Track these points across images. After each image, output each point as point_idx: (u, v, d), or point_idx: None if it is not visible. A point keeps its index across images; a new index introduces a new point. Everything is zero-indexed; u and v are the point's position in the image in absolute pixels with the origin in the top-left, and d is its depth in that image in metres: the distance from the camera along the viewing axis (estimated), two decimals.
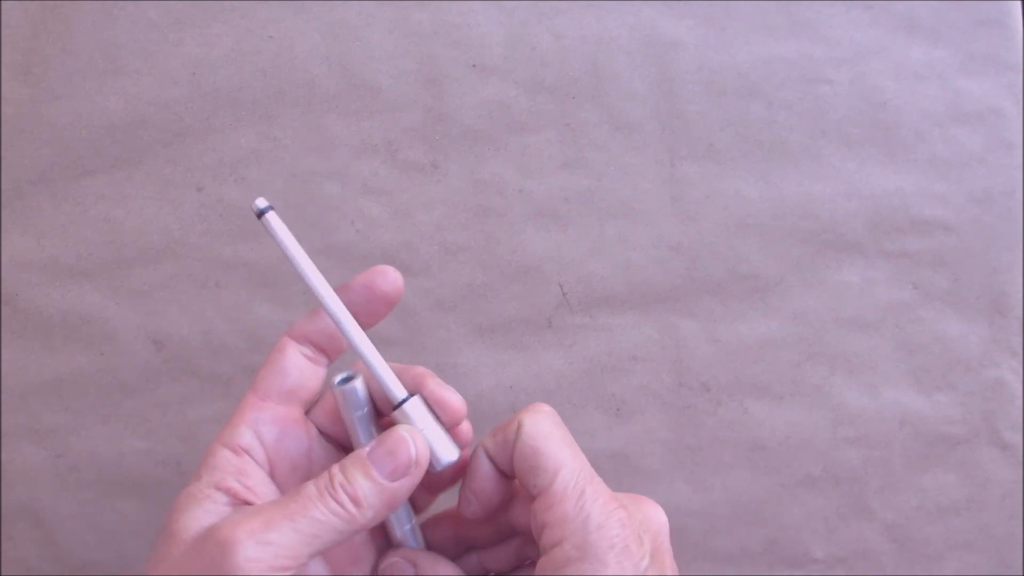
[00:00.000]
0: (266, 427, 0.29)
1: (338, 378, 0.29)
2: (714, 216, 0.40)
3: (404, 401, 0.28)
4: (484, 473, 0.30)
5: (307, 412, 0.30)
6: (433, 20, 0.39)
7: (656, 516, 0.29)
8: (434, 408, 0.29)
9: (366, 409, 0.29)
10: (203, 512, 0.27)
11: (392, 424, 0.29)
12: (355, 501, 0.26)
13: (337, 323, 0.29)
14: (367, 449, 0.27)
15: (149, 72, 0.39)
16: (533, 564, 0.30)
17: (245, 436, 0.29)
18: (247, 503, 0.27)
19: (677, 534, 0.39)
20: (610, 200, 0.40)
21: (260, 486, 0.28)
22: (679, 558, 0.41)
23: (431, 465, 0.28)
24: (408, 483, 0.27)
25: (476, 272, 0.39)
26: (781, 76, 0.40)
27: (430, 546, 0.31)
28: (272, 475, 0.29)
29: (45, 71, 0.39)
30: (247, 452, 0.29)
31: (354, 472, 0.27)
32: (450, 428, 0.29)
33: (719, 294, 0.40)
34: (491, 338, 0.40)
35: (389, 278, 0.30)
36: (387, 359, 0.29)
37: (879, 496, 0.40)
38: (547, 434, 0.29)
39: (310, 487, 0.26)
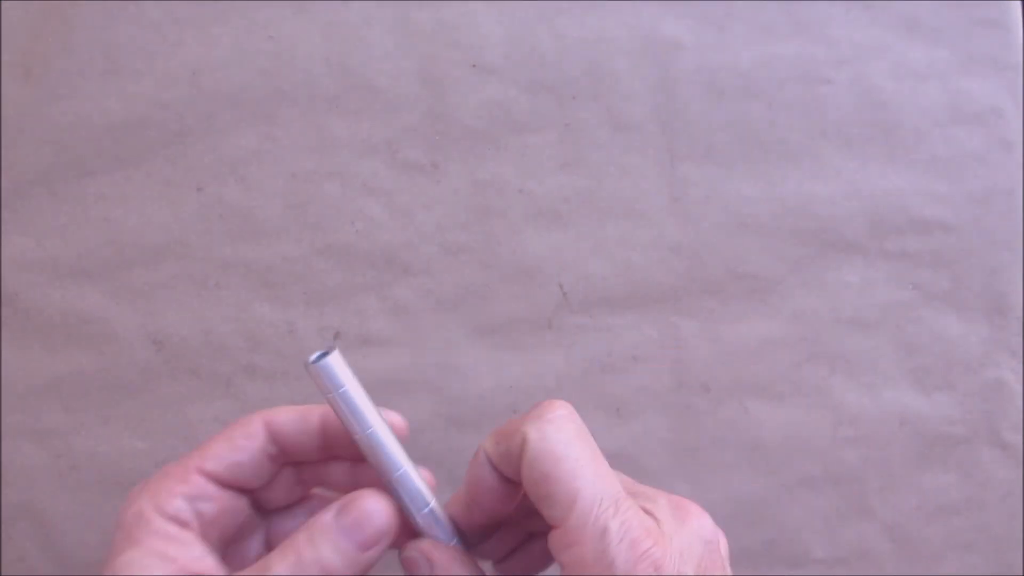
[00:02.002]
0: (206, 504, 0.27)
1: (312, 356, 0.27)
2: (714, 216, 0.40)
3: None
4: (488, 485, 0.27)
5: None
6: (433, 20, 0.39)
7: (702, 533, 0.25)
8: None
9: (345, 387, 0.27)
10: (143, 566, 0.25)
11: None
12: (322, 569, 0.25)
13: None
14: (331, 514, 0.26)
15: (149, 72, 0.39)
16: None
17: (179, 506, 0.26)
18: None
19: None
20: (610, 200, 0.40)
21: (205, 558, 0.26)
22: None
23: (414, 506, 0.27)
24: (378, 552, 0.26)
25: (476, 272, 0.39)
26: (781, 76, 0.40)
27: (458, 527, 0.29)
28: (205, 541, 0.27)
29: (45, 71, 0.39)
30: (178, 524, 0.26)
31: (321, 541, 0.25)
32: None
33: (719, 294, 0.40)
34: (491, 338, 0.40)
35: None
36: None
37: (879, 496, 0.40)
38: (559, 455, 0.24)
39: (280, 566, 0.25)
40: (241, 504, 0.28)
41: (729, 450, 0.40)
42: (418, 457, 0.33)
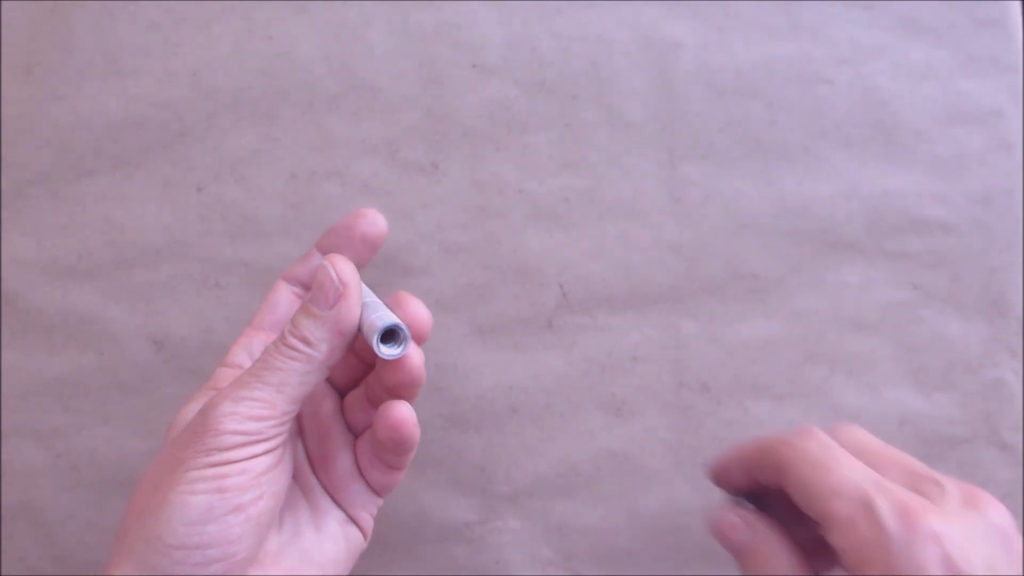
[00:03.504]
0: (258, 349, 0.32)
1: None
2: (714, 216, 0.40)
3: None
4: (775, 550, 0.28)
5: None
6: (433, 20, 0.39)
7: (997, 521, 0.24)
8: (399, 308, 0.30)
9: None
10: (198, 406, 0.29)
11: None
12: (305, 341, 0.28)
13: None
14: (308, 297, 0.29)
15: (149, 72, 0.39)
16: None
17: (239, 355, 0.32)
18: None
19: (677, 534, 0.39)
20: (610, 200, 0.40)
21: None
22: (678, 558, 0.41)
23: (365, 333, 0.29)
24: (346, 307, 0.28)
25: (476, 272, 0.39)
26: (781, 76, 0.40)
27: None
28: None
29: (45, 71, 0.39)
30: (240, 367, 0.31)
31: (297, 317, 0.28)
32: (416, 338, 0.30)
33: (719, 294, 0.40)
34: (491, 338, 0.40)
35: (369, 219, 0.32)
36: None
37: None
38: (815, 461, 0.26)
39: (269, 346, 0.28)
40: None
41: None
42: (418, 456, 0.33)
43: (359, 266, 0.32)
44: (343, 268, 0.29)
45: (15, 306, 0.39)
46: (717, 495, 0.33)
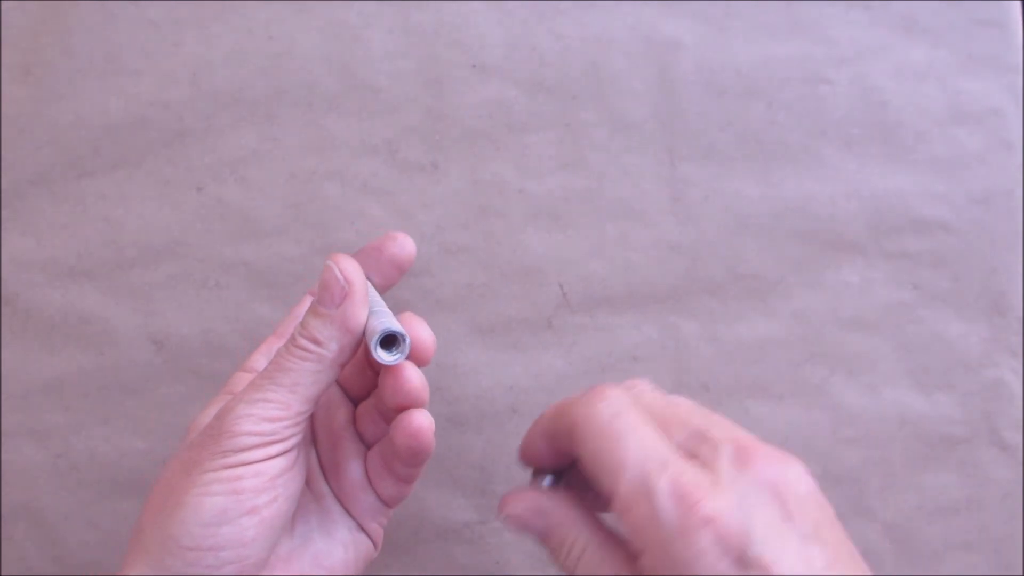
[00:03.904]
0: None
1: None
2: (714, 216, 0.40)
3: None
4: (542, 455, 0.28)
5: None
6: (433, 20, 0.39)
7: (766, 477, 0.23)
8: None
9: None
10: (214, 411, 0.29)
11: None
12: (314, 340, 0.28)
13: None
14: (315, 298, 0.29)
15: (149, 72, 0.39)
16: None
17: (259, 361, 0.32)
18: None
19: None
20: (610, 200, 0.40)
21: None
22: None
23: (367, 338, 0.29)
24: (352, 305, 0.28)
25: (476, 272, 0.39)
26: (781, 76, 0.40)
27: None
28: None
29: (45, 71, 0.39)
30: (258, 371, 0.31)
31: (306, 318, 0.29)
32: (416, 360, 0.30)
33: (719, 294, 0.40)
34: (491, 338, 0.40)
35: (399, 243, 0.33)
36: None
37: (879, 496, 0.40)
38: (603, 432, 0.25)
39: (280, 348, 0.29)
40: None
41: None
42: None
43: (387, 287, 0.32)
44: (348, 267, 0.29)
45: (15, 306, 0.39)
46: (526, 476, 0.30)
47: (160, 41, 0.39)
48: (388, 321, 0.29)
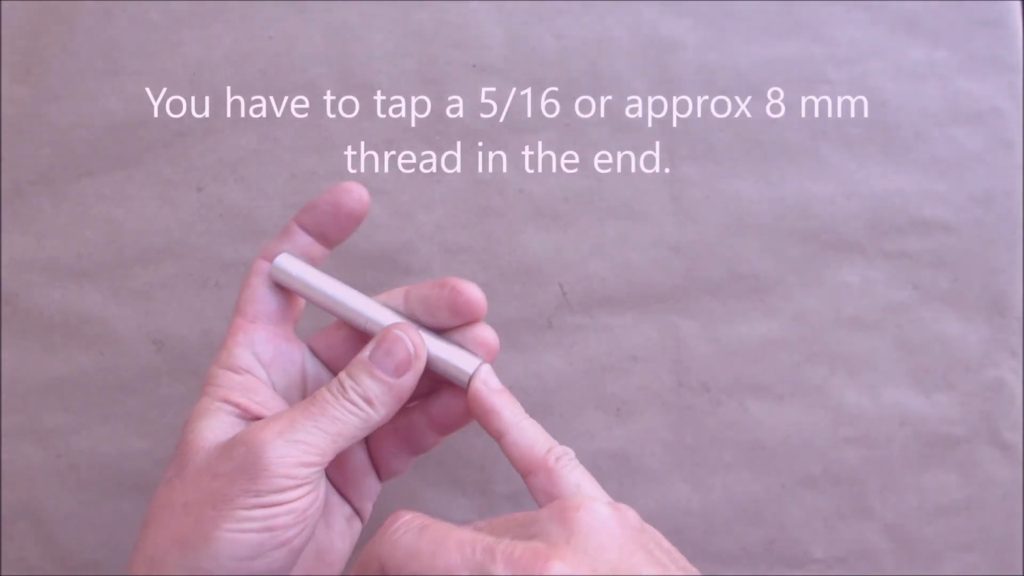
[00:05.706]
0: (262, 346, 0.31)
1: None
2: (714, 216, 0.40)
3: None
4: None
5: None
6: (433, 20, 0.39)
7: (591, 524, 0.23)
8: (451, 308, 0.30)
9: (306, 278, 0.31)
10: (217, 423, 0.28)
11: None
12: (367, 400, 0.28)
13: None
14: (367, 352, 0.29)
15: (149, 72, 0.39)
16: None
17: (244, 358, 0.30)
18: (257, 417, 0.29)
19: (677, 534, 0.39)
20: (610, 200, 0.40)
21: (270, 401, 0.30)
22: None
23: (456, 379, 0.30)
24: (413, 376, 0.29)
25: (476, 272, 0.39)
26: (781, 76, 0.40)
27: None
28: (274, 390, 0.30)
29: (45, 71, 0.39)
30: (248, 371, 0.30)
31: (360, 376, 0.28)
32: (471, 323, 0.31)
33: (719, 294, 0.40)
34: None
35: (354, 195, 0.31)
36: None
37: (879, 496, 0.40)
38: (412, 551, 0.23)
39: (325, 392, 0.28)
40: (300, 346, 0.32)
41: (729, 450, 0.40)
42: (418, 456, 0.33)
43: (341, 241, 0.32)
44: (417, 340, 0.29)
45: (15, 306, 0.39)
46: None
47: (160, 41, 0.39)
48: (463, 355, 0.30)
